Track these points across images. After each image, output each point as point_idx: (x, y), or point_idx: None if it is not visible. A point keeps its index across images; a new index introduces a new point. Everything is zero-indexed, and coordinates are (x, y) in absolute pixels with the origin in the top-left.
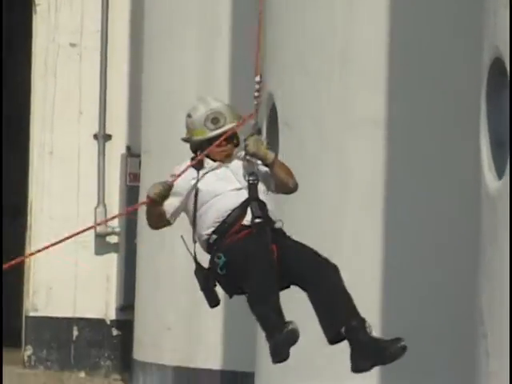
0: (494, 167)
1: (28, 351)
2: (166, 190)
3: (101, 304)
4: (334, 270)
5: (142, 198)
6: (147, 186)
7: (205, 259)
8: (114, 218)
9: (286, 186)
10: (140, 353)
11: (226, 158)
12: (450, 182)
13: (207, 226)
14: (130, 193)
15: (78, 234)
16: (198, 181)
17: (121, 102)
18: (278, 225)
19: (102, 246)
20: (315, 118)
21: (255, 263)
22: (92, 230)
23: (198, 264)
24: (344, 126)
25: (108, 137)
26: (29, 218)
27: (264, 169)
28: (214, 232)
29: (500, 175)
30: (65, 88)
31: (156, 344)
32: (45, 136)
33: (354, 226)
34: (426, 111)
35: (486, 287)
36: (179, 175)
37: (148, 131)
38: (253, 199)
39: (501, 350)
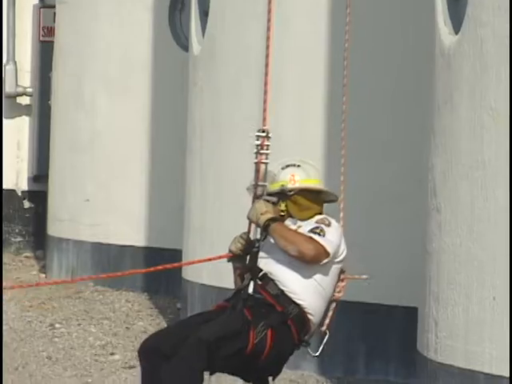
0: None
1: None
2: (248, 243)
3: (11, 173)
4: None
5: (57, 55)
6: (63, 42)
7: None
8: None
9: (287, 253)
10: (55, 228)
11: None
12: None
13: None
14: (44, 49)
15: None
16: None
17: None
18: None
19: (12, 108)
20: None
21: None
22: None
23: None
24: None
25: None
26: None
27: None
28: None
29: (456, 29)
30: None
31: (73, 218)
32: None
33: None
34: None
35: (440, 152)
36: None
37: None
38: (247, 269)
39: (455, 224)
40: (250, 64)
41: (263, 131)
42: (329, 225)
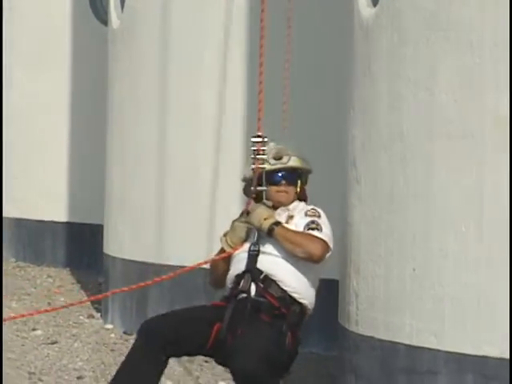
0: None
1: None
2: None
3: None
4: None
5: None
6: None
7: None
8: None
9: (295, 255)
10: None
11: (279, 203)
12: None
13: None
14: None
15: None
16: None
17: None
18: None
19: None
20: None
21: (185, 326)
22: None
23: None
24: None
25: None
26: None
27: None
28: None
29: (375, 1)
30: None
31: None
32: None
33: None
34: None
35: (360, 123)
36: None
37: None
38: (247, 271)
39: (375, 196)
40: (170, 38)
41: (258, 136)
42: (320, 216)
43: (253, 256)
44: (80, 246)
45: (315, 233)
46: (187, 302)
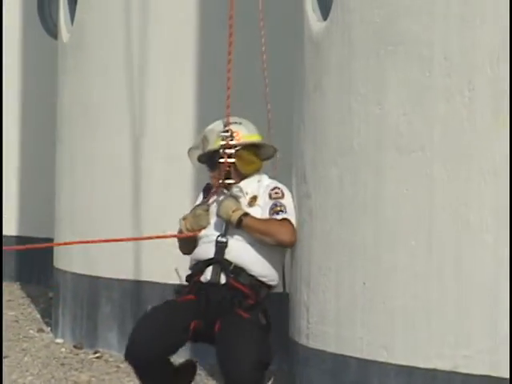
0: (319, 7)
1: None
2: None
3: None
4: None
5: None
6: None
7: None
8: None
9: (266, 244)
10: None
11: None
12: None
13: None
14: None
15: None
16: None
17: None
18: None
19: None
20: None
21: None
22: None
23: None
24: None
25: None
26: None
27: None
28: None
29: (325, 15)
30: None
31: None
32: None
33: None
34: None
35: (310, 138)
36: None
37: None
38: (215, 261)
39: (325, 210)
40: (119, 52)
41: (227, 131)
42: (283, 196)
43: (221, 248)
44: (30, 260)
45: (279, 216)
46: (137, 316)
